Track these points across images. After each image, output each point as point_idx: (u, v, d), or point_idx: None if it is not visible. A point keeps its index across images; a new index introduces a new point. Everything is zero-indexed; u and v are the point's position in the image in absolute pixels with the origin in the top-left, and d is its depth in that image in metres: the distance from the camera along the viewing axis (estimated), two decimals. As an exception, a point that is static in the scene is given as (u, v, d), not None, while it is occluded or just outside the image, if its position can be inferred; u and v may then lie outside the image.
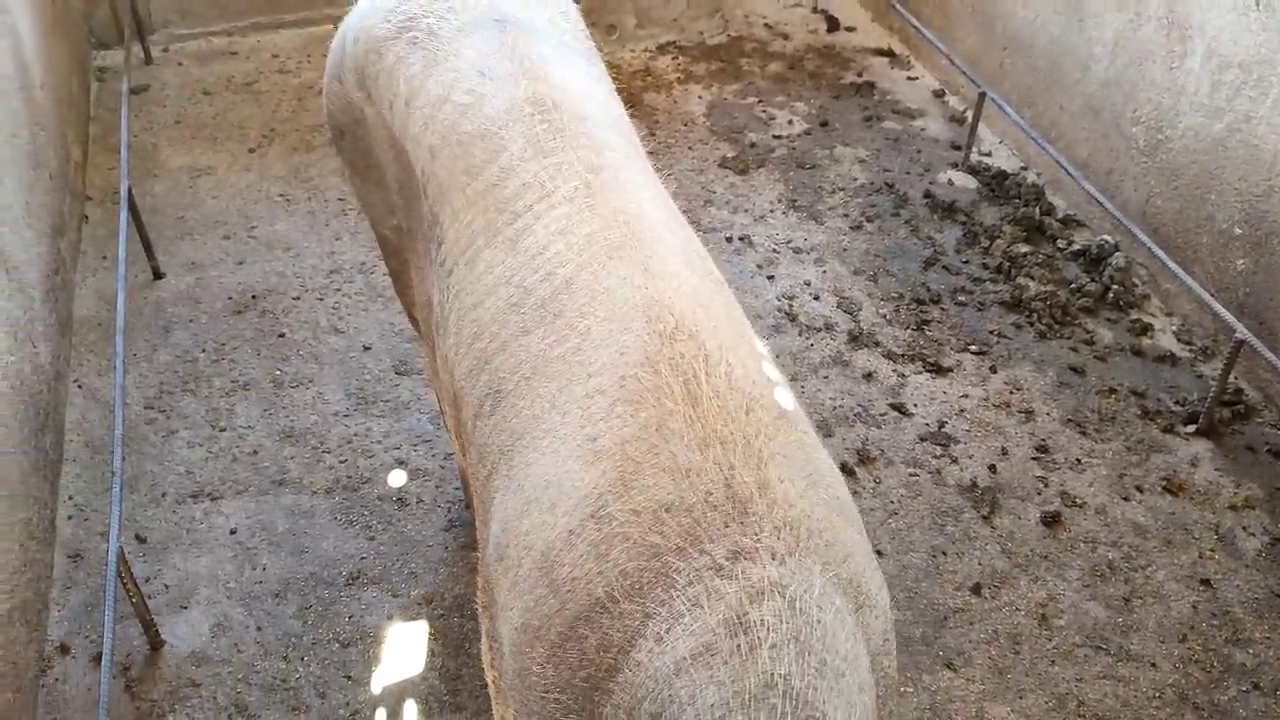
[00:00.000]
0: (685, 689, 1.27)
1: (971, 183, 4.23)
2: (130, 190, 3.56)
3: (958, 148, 4.42)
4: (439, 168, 2.01)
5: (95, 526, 2.91)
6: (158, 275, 3.73)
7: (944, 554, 2.88)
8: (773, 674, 1.25)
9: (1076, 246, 3.85)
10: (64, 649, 2.61)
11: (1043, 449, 3.16)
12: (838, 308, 3.64)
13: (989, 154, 4.39)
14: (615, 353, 1.56)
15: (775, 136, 4.51)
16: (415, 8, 2.19)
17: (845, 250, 3.89)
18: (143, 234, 3.68)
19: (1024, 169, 4.29)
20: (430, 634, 2.67)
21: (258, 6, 5.14)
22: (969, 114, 4.47)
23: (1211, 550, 2.89)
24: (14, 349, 2.77)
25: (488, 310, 1.80)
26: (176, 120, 4.57)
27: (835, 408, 3.28)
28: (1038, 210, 3.99)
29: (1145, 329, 3.55)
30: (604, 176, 1.83)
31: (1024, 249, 3.83)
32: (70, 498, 2.98)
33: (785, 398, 1.62)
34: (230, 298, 3.65)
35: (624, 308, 1.60)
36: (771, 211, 4.08)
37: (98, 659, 2.59)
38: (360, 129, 2.30)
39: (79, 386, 3.32)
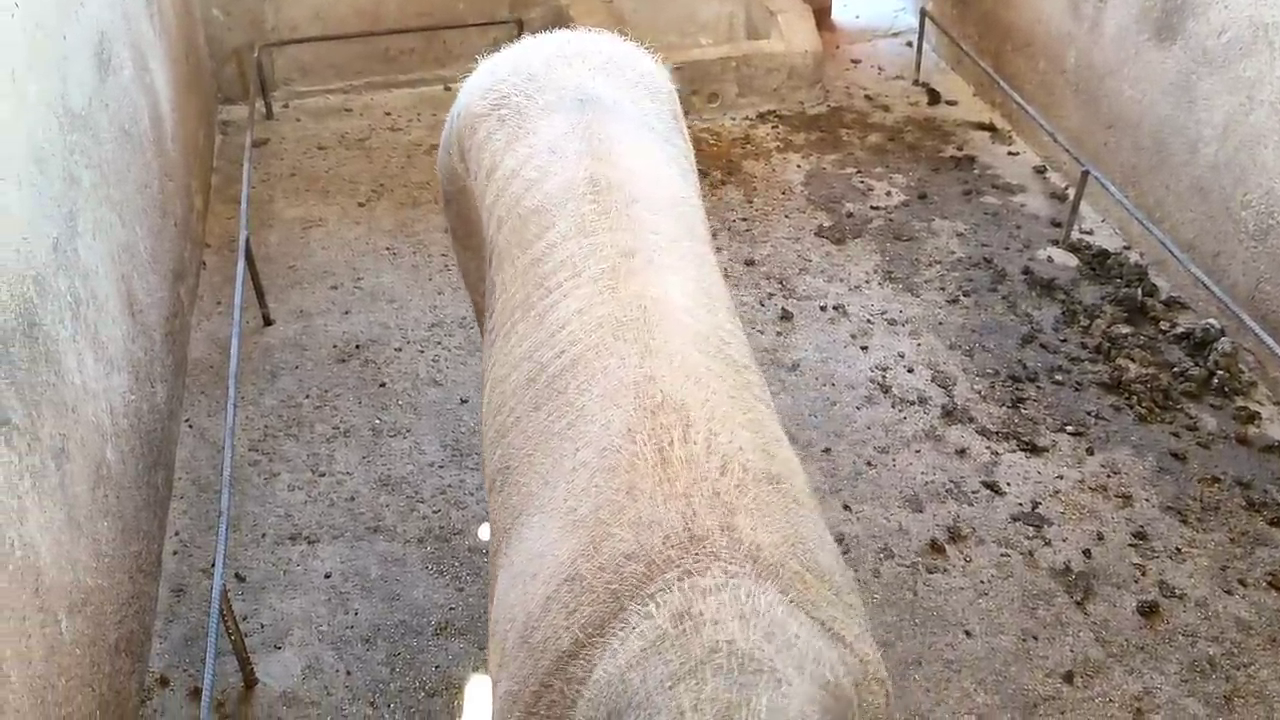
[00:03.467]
0: (637, 675, 1.33)
1: (1072, 261, 4.19)
2: (248, 240, 3.72)
3: (1058, 225, 4.38)
4: (501, 239, 2.09)
5: (198, 563, 3.01)
6: (268, 322, 3.88)
7: (1035, 638, 2.82)
8: (717, 640, 1.31)
9: (1180, 329, 3.78)
10: (164, 681, 2.70)
11: (1141, 536, 3.08)
12: (932, 381, 3.62)
13: (1090, 232, 4.35)
14: (601, 427, 1.63)
15: (873, 207, 4.53)
16: (508, 86, 2.29)
17: (941, 324, 3.88)
18: (256, 282, 3.84)
19: (1126, 249, 4.23)
20: (514, 689, 2.70)
21: (373, 67, 5.36)
22: (1070, 191, 4.44)
23: (1319, 651, 2.78)
24: (135, 388, 2.90)
25: (510, 384, 1.87)
26: (292, 173, 4.76)
27: (926, 483, 3.25)
28: (1140, 291, 3.93)
29: (1251, 417, 3.46)
30: (636, 260, 1.87)
31: (1125, 330, 3.77)
32: (176, 533, 3.09)
33: (784, 469, 1.64)
34: (335, 346, 3.77)
35: (617, 385, 1.66)
36: (867, 282, 4.09)
37: (195, 693, 2.66)
38: (463, 198, 2.40)
39: (189, 426, 3.46)
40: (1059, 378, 3.62)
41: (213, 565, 2.87)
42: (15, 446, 2.00)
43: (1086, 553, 3.03)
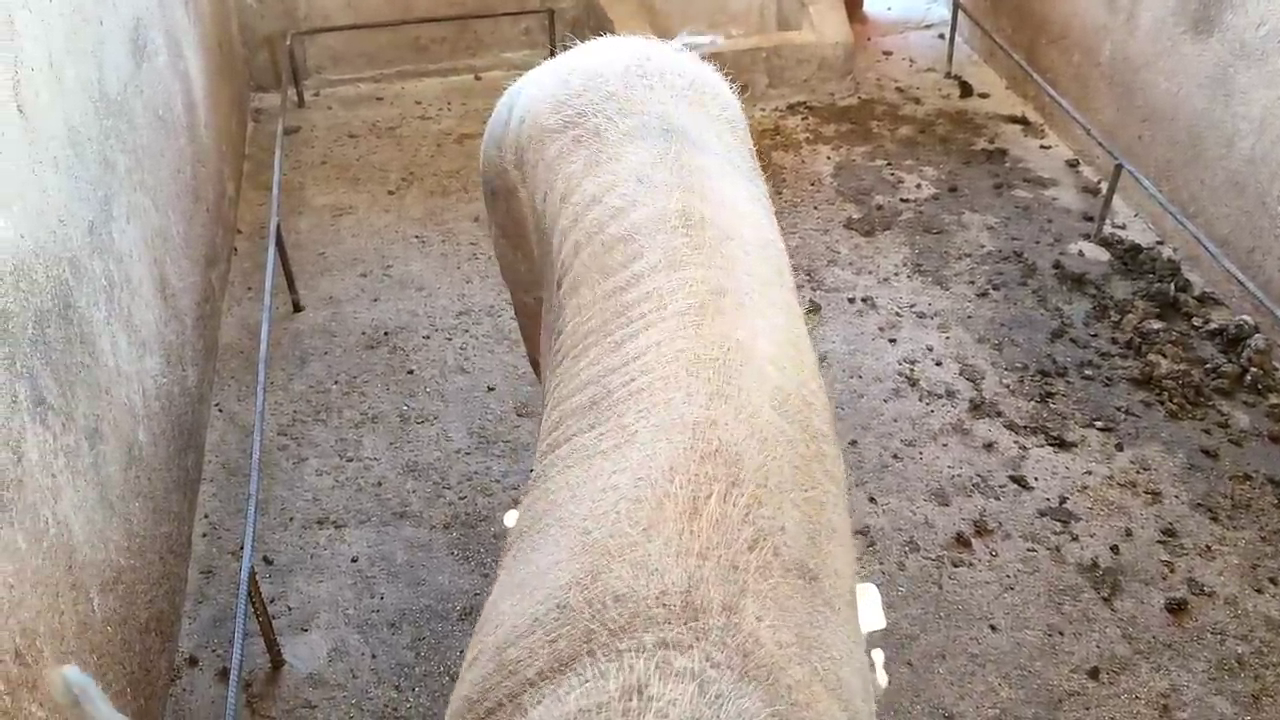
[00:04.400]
0: None
1: (1103, 255, 4.16)
2: (278, 226, 3.75)
3: (1090, 219, 4.35)
4: (578, 263, 2.00)
5: (227, 545, 3.04)
6: (297, 308, 3.91)
7: (1060, 634, 2.80)
8: None
9: (1213, 325, 3.74)
10: (192, 661, 2.73)
11: (1170, 533, 3.06)
12: (960, 375, 3.60)
13: (1123, 227, 4.31)
14: (645, 456, 1.52)
15: (903, 200, 4.51)
16: (585, 104, 2.16)
17: (970, 317, 3.85)
18: (287, 268, 3.87)
19: (1159, 243, 4.19)
20: (537, 675, 2.71)
21: (404, 56, 5.38)
22: (1103, 185, 4.40)
23: (1350, 652, 2.75)
24: (166, 371, 2.93)
25: (572, 404, 1.79)
26: (323, 160, 4.79)
27: (953, 476, 3.23)
28: (1173, 286, 3.89)
29: (1284, 415, 3.42)
30: (726, 300, 1.77)
31: (1156, 325, 3.74)
32: (205, 516, 3.13)
33: (826, 566, 1.50)
34: (364, 333, 3.80)
35: (676, 420, 1.55)
36: (896, 274, 4.07)
37: (223, 673, 2.70)
38: (514, 201, 2.32)
39: (219, 410, 3.49)
40: (1089, 373, 3.59)
41: (241, 548, 2.90)
42: (50, 426, 2.03)
43: (1114, 549, 3.01)
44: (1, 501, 1.76)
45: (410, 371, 3.63)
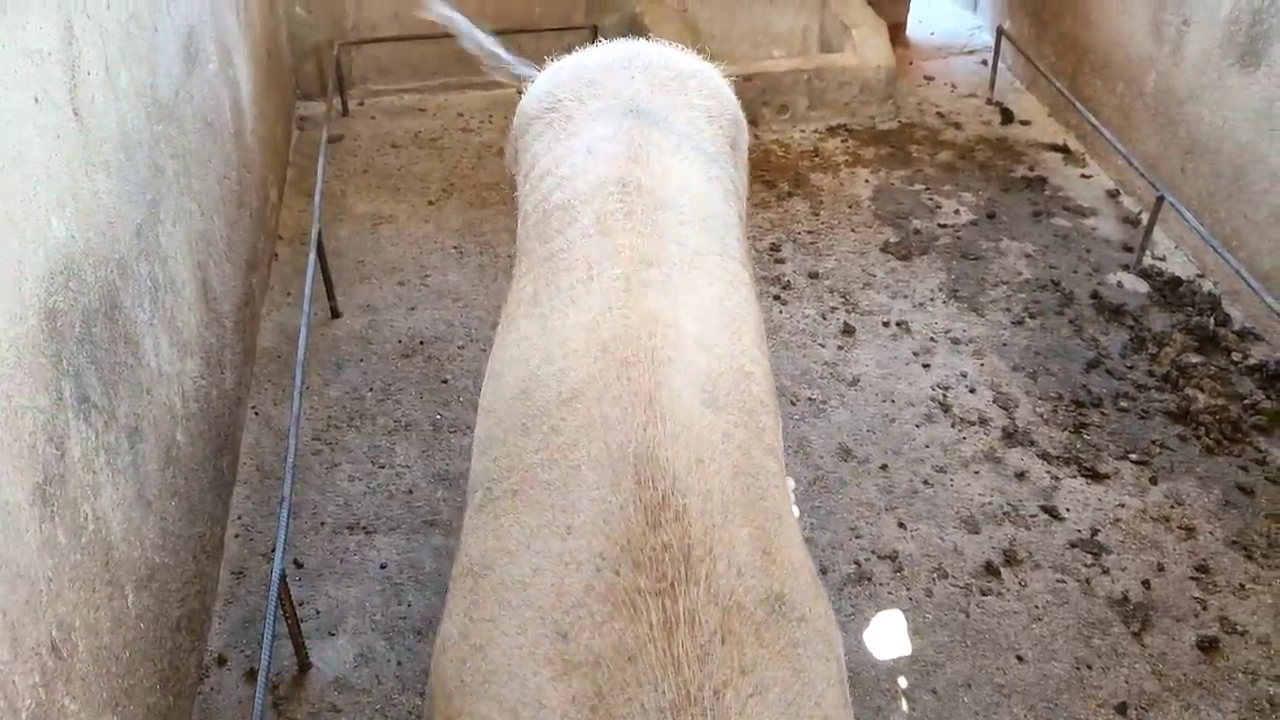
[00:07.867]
0: None
1: (1142, 287, 4.12)
2: (319, 233, 3.79)
3: (1130, 250, 4.32)
4: (525, 233, 2.07)
5: (258, 547, 3.08)
6: (335, 315, 3.95)
7: (1089, 667, 2.78)
8: None
9: (1253, 361, 3.70)
10: (221, 660, 2.76)
11: (1203, 569, 3.02)
12: (993, 403, 3.58)
13: (1163, 258, 4.28)
14: (598, 518, 1.47)
15: (940, 225, 4.50)
16: (564, 92, 2.30)
17: (1005, 345, 3.83)
18: (326, 275, 3.91)
19: (1200, 276, 4.15)
20: (561, 688, 2.72)
21: (448, 68, 5.43)
22: (1144, 216, 4.37)
23: (1386, 698, 2.70)
24: (206, 374, 2.97)
25: (505, 385, 1.76)
26: (365, 169, 4.85)
27: (983, 504, 3.22)
28: (1212, 320, 3.85)
29: (1324, 454, 3.38)
30: (653, 272, 1.77)
31: (1195, 359, 3.70)
32: (239, 518, 3.16)
33: (785, 573, 1.49)
34: (400, 341, 3.83)
35: (618, 456, 1.51)
36: (931, 300, 4.06)
37: (250, 674, 2.72)
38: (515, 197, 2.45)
39: (255, 413, 3.53)
40: (1124, 404, 3.56)
41: (273, 550, 2.93)
42: (93, 424, 2.06)
43: (1146, 584, 2.98)
44: (45, 496, 1.80)
45: (444, 381, 3.66)
